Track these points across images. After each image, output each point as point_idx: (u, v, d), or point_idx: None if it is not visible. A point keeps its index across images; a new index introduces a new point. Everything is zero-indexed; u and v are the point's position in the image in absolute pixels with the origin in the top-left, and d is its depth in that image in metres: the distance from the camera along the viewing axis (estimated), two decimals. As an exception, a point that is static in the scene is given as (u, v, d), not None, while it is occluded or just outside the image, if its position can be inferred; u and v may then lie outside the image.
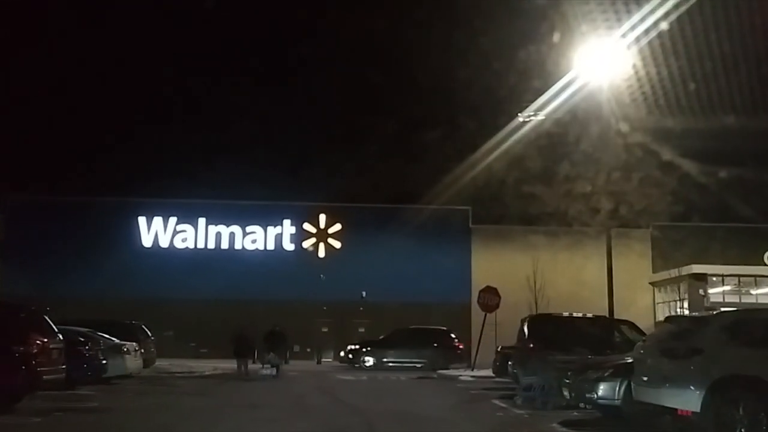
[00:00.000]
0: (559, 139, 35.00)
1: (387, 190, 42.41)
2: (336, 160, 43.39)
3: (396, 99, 42.98)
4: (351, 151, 45.56)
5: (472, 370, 27.09)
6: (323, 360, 37.93)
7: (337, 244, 41.52)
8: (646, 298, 41.34)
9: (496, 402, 17.04)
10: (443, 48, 42.04)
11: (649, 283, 41.73)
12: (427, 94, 42.22)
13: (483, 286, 39.61)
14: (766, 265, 39.68)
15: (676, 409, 10.65)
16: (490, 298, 27.65)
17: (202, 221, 41.47)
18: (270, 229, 41.60)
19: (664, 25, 17.94)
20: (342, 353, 35.46)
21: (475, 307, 40.04)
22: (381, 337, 33.96)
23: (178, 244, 41.34)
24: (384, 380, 25.13)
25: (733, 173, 35.88)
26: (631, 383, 11.97)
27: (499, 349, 22.79)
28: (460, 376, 25.62)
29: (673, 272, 38.78)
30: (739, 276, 37.83)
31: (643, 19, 18.12)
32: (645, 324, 39.59)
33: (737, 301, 37.88)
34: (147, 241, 41.24)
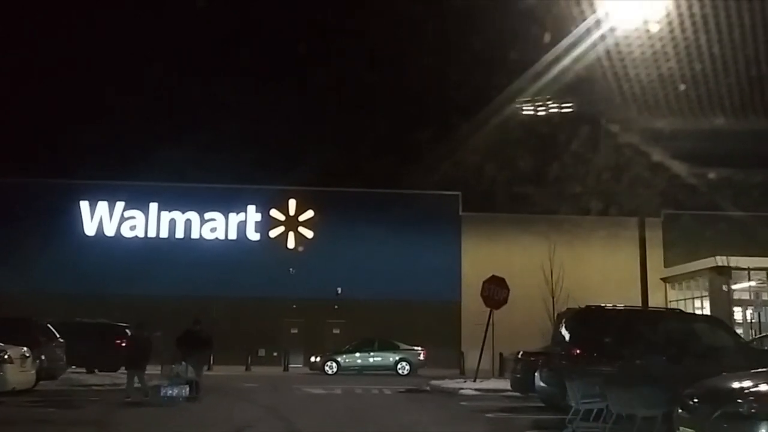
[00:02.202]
0: (560, 124, 30.44)
1: (366, 172, 36.21)
2: (308, 139, 36.94)
3: (379, 72, 36.62)
4: (325, 131, 39.02)
5: (474, 380, 20.74)
6: (291, 366, 31.47)
7: (308, 234, 35.34)
8: (657, 296, 35.32)
9: (537, 437, 10.81)
10: (436, 29, 36.07)
11: (661, 279, 35.78)
12: (415, 70, 35.88)
13: (475, 280, 33.75)
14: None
15: None
16: (497, 290, 21.31)
17: (153, 206, 35.21)
18: (232, 216, 35.36)
19: (654, 27, 17.26)
20: (312, 359, 29.09)
21: (465, 304, 34.56)
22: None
23: (126, 232, 34.98)
24: (363, 395, 18.78)
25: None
26: None
27: (519, 356, 16.43)
28: (461, 389, 19.30)
29: (692, 266, 32.90)
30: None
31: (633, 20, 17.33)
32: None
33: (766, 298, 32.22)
34: (90, 228, 34.88)
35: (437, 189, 35.78)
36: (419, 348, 29.01)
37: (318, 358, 28.64)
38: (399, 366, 28.24)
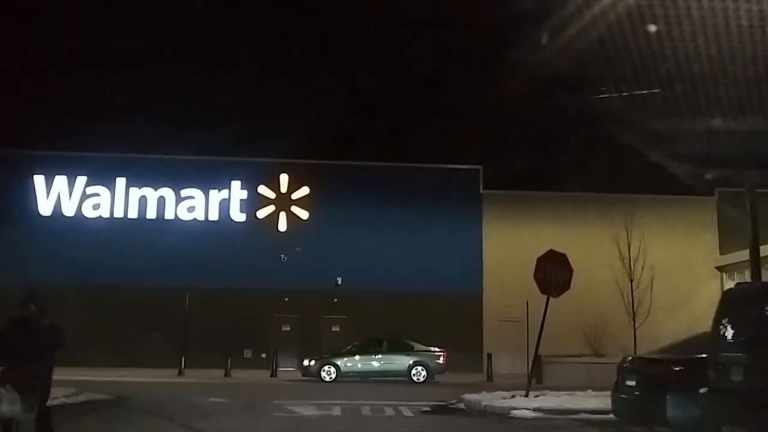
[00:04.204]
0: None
1: (370, 143, 29.93)
2: (304, 105, 30.55)
3: (388, 27, 30.24)
4: (324, 94, 32.55)
5: (526, 395, 14.29)
6: (282, 369, 25.10)
7: (303, 214, 29.04)
8: (712, 288, 29.03)
9: None
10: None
11: (716, 268, 29.46)
12: (430, 24, 29.54)
13: (498, 269, 28.16)
14: None
15: None
16: (556, 271, 14.68)
17: (120, 182, 28.84)
18: (213, 193, 29.00)
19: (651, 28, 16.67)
20: (306, 362, 22.63)
21: (488, 297, 28.76)
22: None
23: (88, 212, 28.65)
24: (374, 421, 12.38)
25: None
26: None
27: (628, 363, 9.89)
28: (512, 409, 12.88)
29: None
30: None
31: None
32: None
33: None
34: (45, 208, 28.56)
35: (454, 162, 29.59)
36: (438, 349, 22.61)
37: (313, 362, 22.20)
38: (413, 371, 21.86)
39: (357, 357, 22.24)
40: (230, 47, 30.57)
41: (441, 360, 22.27)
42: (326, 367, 21.85)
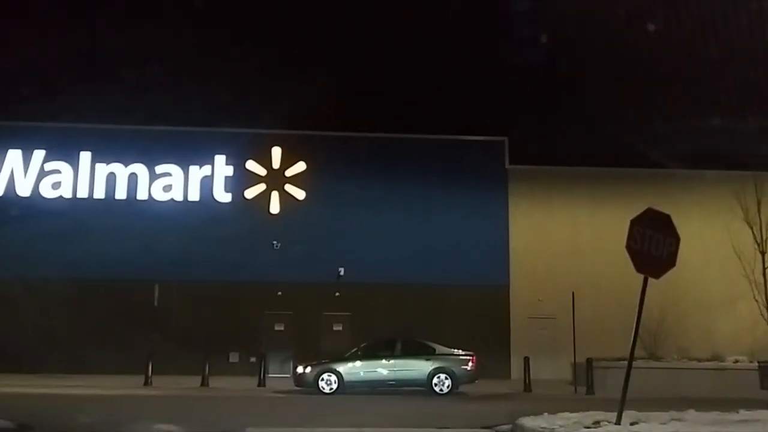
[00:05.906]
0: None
1: (377, 111, 25.33)
2: (300, 66, 25.92)
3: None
4: (324, 53, 27.80)
5: (618, 422, 9.46)
6: (273, 376, 20.50)
7: (299, 194, 24.63)
8: (769, 281, 24.42)
9: None
10: None
11: (780, 257, 24.78)
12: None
13: (527, 257, 23.89)
14: None
15: None
16: (658, 240, 9.67)
17: (85, 157, 24.42)
18: (194, 169, 24.60)
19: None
20: (300, 369, 17.82)
21: (515, 291, 24.11)
22: None
23: (47, 191, 24.31)
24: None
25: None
26: None
27: None
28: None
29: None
30: None
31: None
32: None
33: None
34: (-3, 187, 24.00)
35: (475, 133, 25.16)
36: (464, 352, 17.83)
37: (308, 369, 17.41)
38: (435, 380, 17.03)
39: (364, 362, 17.45)
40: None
41: (469, 366, 17.46)
42: (325, 375, 17.07)
